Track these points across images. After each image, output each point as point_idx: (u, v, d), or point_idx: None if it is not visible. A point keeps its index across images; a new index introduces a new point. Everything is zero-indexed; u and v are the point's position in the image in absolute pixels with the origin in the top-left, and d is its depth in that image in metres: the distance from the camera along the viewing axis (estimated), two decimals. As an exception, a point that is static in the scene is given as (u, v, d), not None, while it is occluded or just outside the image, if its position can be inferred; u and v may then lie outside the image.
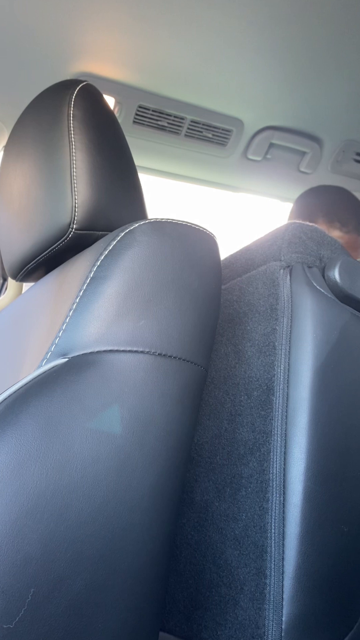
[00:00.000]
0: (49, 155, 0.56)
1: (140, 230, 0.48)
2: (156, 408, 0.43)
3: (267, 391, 0.53)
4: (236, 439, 0.55)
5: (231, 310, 0.61)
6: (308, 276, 0.57)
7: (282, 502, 0.49)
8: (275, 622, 0.47)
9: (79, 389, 0.41)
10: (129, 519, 0.40)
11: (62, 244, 0.56)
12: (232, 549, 0.52)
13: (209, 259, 0.50)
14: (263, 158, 1.26)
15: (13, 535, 0.36)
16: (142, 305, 0.45)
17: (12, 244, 0.63)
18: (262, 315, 0.57)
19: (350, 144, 1.25)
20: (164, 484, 0.43)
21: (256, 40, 0.92)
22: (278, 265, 0.58)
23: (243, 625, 0.49)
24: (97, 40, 0.91)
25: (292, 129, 1.19)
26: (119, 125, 0.61)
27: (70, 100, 0.57)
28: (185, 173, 1.33)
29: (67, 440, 0.39)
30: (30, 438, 0.38)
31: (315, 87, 1.05)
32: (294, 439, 0.50)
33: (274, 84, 1.04)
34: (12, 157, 0.63)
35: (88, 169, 0.55)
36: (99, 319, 0.44)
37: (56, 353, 0.44)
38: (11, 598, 0.35)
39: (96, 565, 0.38)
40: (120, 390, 0.42)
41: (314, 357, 0.52)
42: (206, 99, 1.08)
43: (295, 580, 0.48)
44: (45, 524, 0.37)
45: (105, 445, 0.40)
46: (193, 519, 0.57)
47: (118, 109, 1.07)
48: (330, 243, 0.61)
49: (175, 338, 0.45)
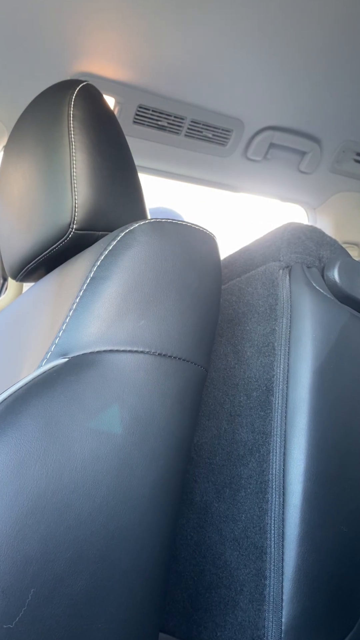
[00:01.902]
0: (49, 155, 0.56)
1: (140, 230, 0.48)
2: (156, 408, 0.43)
3: (267, 392, 0.53)
4: (235, 439, 0.55)
5: (231, 311, 0.61)
6: (307, 276, 0.57)
7: (282, 503, 0.49)
8: (274, 623, 0.47)
9: (79, 389, 0.41)
10: (129, 519, 0.40)
11: (62, 244, 0.56)
12: (231, 550, 0.52)
13: (209, 259, 0.50)
14: (263, 158, 1.26)
15: (13, 535, 0.36)
16: (142, 305, 0.45)
17: (12, 244, 0.63)
18: (262, 315, 0.57)
19: (350, 144, 1.25)
20: (164, 484, 0.43)
21: (256, 40, 0.92)
22: (277, 265, 0.58)
23: (243, 626, 0.49)
24: (97, 40, 0.90)
25: (292, 129, 1.19)
26: (119, 125, 0.61)
27: (70, 100, 0.57)
28: (185, 173, 1.33)
29: (67, 440, 0.39)
30: (31, 438, 0.38)
31: (315, 87, 1.05)
32: (293, 440, 0.50)
33: (274, 84, 1.04)
34: (12, 157, 0.63)
35: (88, 169, 0.55)
36: (99, 319, 0.44)
37: (56, 353, 0.44)
38: (11, 598, 0.35)
39: (96, 565, 0.38)
40: (120, 390, 0.42)
41: (313, 357, 0.52)
42: (206, 99, 1.08)
43: (294, 581, 0.48)
44: (46, 524, 0.37)
45: (105, 445, 0.40)
46: (193, 519, 0.57)
47: (118, 109, 1.07)
48: (330, 243, 0.61)
49: (175, 338, 0.45)
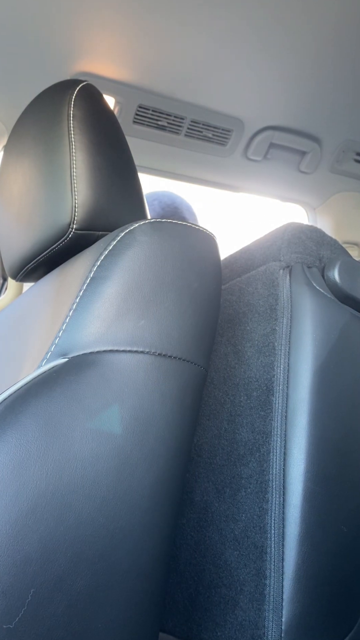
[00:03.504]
0: (49, 155, 0.56)
1: (140, 230, 0.48)
2: (156, 408, 0.43)
3: (267, 392, 0.53)
4: (236, 439, 0.55)
5: (231, 311, 0.61)
6: (308, 276, 0.57)
7: (282, 503, 0.49)
8: (275, 622, 0.47)
9: (79, 389, 0.41)
10: (129, 519, 0.40)
11: (62, 244, 0.56)
12: (231, 549, 0.52)
13: (209, 259, 0.50)
14: (263, 158, 1.26)
15: (13, 535, 0.36)
16: (142, 305, 0.45)
17: (12, 244, 0.63)
18: (262, 315, 0.57)
19: (350, 144, 1.25)
20: (164, 484, 0.43)
21: (256, 40, 0.92)
22: (278, 265, 0.58)
23: (243, 626, 0.49)
24: (97, 40, 0.90)
25: (292, 129, 1.19)
26: (119, 125, 0.61)
27: (70, 100, 0.57)
28: (185, 173, 1.33)
29: (67, 440, 0.39)
30: (31, 438, 0.38)
31: (315, 87, 1.05)
32: (293, 440, 0.50)
33: (274, 84, 1.04)
34: (12, 157, 0.63)
35: (88, 169, 0.55)
36: (99, 319, 0.44)
37: (56, 353, 0.44)
38: (11, 598, 0.35)
39: (96, 565, 0.38)
40: (120, 390, 0.42)
41: (313, 357, 0.52)
42: (206, 98, 1.08)
43: (295, 581, 0.48)
44: (45, 524, 0.37)
45: (105, 445, 0.40)
46: (193, 519, 0.57)
47: (118, 109, 1.07)
48: (330, 243, 0.61)
49: (175, 338, 0.45)
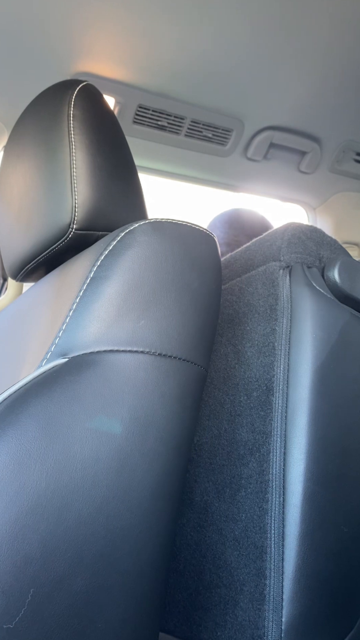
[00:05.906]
0: (49, 155, 0.56)
1: (141, 230, 0.48)
2: (156, 408, 0.43)
3: (267, 392, 0.53)
4: (236, 439, 0.55)
5: (231, 311, 0.61)
6: (307, 276, 0.57)
7: (282, 503, 0.49)
8: (275, 622, 0.47)
9: (79, 389, 0.41)
10: (129, 519, 0.40)
11: (62, 244, 0.56)
12: (231, 549, 0.52)
13: (209, 259, 0.50)
14: (263, 158, 1.26)
15: (13, 535, 0.36)
16: (142, 305, 0.45)
17: (12, 244, 0.63)
18: (262, 315, 0.57)
19: (350, 144, 1.25)
20: (164, 484, 0.43)
21: (256, 39, 0.92)
22: (277, 265, 0.58)
23: (243, 626, 0.49)
24: (97, 40, 0.90)
25: (292, 129, 1.19)
26: (119, 125, 0.61)
27: (70, 100, 0.57)
28: (185, 173, 1.33)
29: (67, 440, 0.39)
30: (31, 438, 0.38)
31: (315, 87, 1.05)
32: (293, 440, 0.50)
33: (274, 84, 1.04)
34: (12, 157, 0.63)
35: (88, 169, 0.55)
36: (99, 319, 0.44)
37: (56, 353, 0.44)
38: (11, 598, 0.35)
39: (96, 565, 0.38)
40: (120, 390, 0.42)
41: (313, 357, 0.52)
42: (206, 98, 1.08)
43: (295, 581, 0.48)
44: (45, 524, 0.37)
45: (105, 445, 0.40)
46: (193, 519, 0.57)
47: (118, 109, 1.07)
48: (330, 243, 0.61)
49: (175, 338, 0.45)
